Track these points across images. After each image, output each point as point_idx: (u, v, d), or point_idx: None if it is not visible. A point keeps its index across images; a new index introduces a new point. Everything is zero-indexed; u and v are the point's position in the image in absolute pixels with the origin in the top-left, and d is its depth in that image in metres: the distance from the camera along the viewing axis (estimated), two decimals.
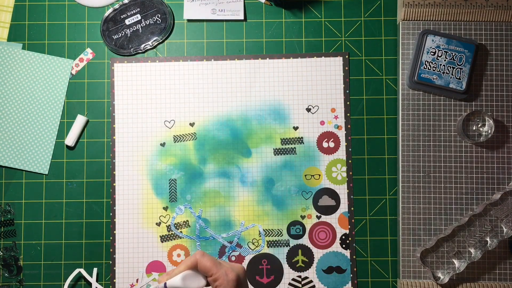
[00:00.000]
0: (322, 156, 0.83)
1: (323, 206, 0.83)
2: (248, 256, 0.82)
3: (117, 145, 0.83)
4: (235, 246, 0.82)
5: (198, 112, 0.84)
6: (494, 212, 0.79)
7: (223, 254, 0.82)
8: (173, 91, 0.84)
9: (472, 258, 0.79)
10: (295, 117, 0.84)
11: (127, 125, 0.84)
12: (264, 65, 0.84)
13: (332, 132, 0.84)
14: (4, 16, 0.85)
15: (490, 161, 0.82)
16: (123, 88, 0.84)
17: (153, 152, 0.83)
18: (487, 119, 0.81)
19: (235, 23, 0.85)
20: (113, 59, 0.84)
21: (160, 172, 0.83)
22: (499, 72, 0.83)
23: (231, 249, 0.82)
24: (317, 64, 0.84)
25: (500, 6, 0.83)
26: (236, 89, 0.84)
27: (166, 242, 0.82)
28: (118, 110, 0.84)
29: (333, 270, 0.82)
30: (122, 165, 0.83)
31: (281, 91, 0.84)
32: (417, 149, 0.82)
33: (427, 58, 0.81)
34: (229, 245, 0.82)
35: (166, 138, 0.84)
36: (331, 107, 0.84)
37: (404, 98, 0.83)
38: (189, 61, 0.84)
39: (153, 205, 0.83)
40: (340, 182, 0.83)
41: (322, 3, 0.85)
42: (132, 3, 0.84)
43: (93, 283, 0.81)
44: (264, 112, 0.84)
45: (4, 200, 0.83)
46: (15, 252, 0.82)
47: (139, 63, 0.84)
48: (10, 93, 0.84)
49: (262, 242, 0.82)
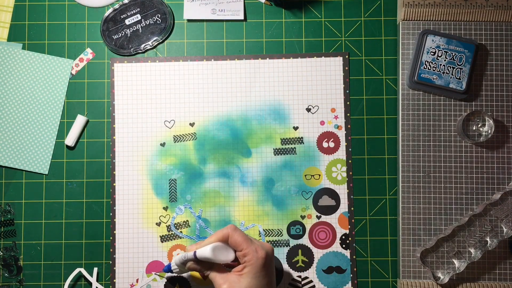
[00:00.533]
0: (322, 156, 0.83)
1: (323, 206, 0.83)
2: None
3: (117, 145, 0.83)
4: None
5: (198, 112, 0.84)
6: (494, 212, 0.79)
7: None
8: (173, 91, 0.84)
9: (472, 258, 0.79)
10: (295, 117, 0.84)
11: (127, 125, 0.84)
12: (264, 65, 0.84)
13: (332, 132, 0.84)
14: (4, 16, 0.85)
15: (490, 161, 0.82)
16: (123, 88, 0.84)
17: (153, 152, 0.83)
18: (487, 119, 0.81)
19: (235, 23, 0.85)
20: (113, 59, 0.84)
21: (160, 172, 0.83)
22: (499, 72, 0.83)
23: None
24: (317, 64, 0.84)
25: (500, 6, 0.83)
26: (236, 89, 0.84)
27: (166, 242, 0.82)
28: (118, 110, 0.84)
29: (333, 270, 0.82)
30: (122, 165, 0.83)
31: (281, 91, 0.84)
32: (417, 149, 0.82)
33: (427, 58, 0.81)
34: None
35: (166, 138, 0.84)
36: (331, 107, 0.84)
37: (404, 98, 0.83)
38: (189, 61, 0.84)
39: (153, 205, 0.83)
40: (340, 182, 0.83)
41: (322, 3, 0.85)
42: (132, 3, 0.84)
43: (93, 283, 0.81)
44: (264, 112, 0.84)
45: (4, 200, 0.83)
46: (15, 252, 0.82)
47: (139, 63, 0.84)
48: (10, 93, 0.84)
49: None
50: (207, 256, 0.68)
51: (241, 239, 0.68)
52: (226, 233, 0.69)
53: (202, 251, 0.68)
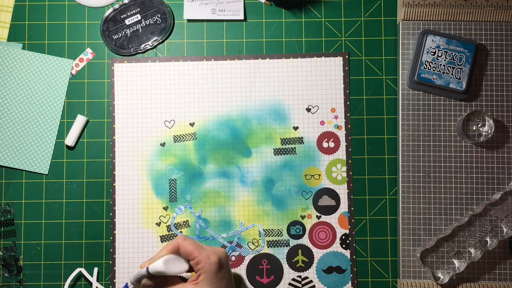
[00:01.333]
0: (322, 156, 0.83)
1: (323, 206, 0.83)
2: (248, 256, 0.82)
3: (117, 145, 0.83)
4: (235, 246, 0.82)
5: (198, 112, 0.84)
6: (494, 212, 0.79)
7: None
8: (173, 91, 0.84)
9: (472, 258, 0.79)
10: (295, 117, 0.84)
11: (127, 125, 0.84)
12: (264, 65, 0.84)
13: (332, 132, 0.84)
14: (4, 16, 0.85)
15: (490, 161, 0.82)
16: (123, 88, 0.84)
17: (153, 152, 0.83)
18: (487, 119, 0.81)
19: (235, 23, 0.85)
20: (113, 59, 0.84)
21: (160, 172, 0.83)
22: (499, 72, 0.83)
23: (231, 249, 0.82)
24: (317, 64, 0.84)
25: (500, 6, 0.83)
26: (236, 89, 0.84)
27: (166, 242, 0.82)
28: (118, 110, 0.84)
29: (333, 270, 0.82)
30: (122, 165, 0.83)
31: (281, 91, 0.84)
32: (417, 149, 0.82)
33: (427, 58, 0.81)
34: (229, 245, 0.82)
35: (166, 138, 0.84)
36: (331, 107, 0.84)
37: (404, 98, 0.83)
38: (189, 61, 0.84)
39: (153, 205, 0.83)
40: (340, 182, 0.83)
41: (322, 3, 0.85)
42: (132, 3, 0.84)
43: (93, 283, 0.81)
44: (264, 112, 0.84)
45: (4, 200, 0.83)
46: (15, 252, 0.82)
47: (139, 63, 0.84)
48: (10, 93, 0.84)
49: (262, 242, 0.82)
50: (160, 270, 0.66)
51: (191, 248, 0.67)
52: (176, 244, 0.68)
53: (154, 266, 0.66)
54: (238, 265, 0.82)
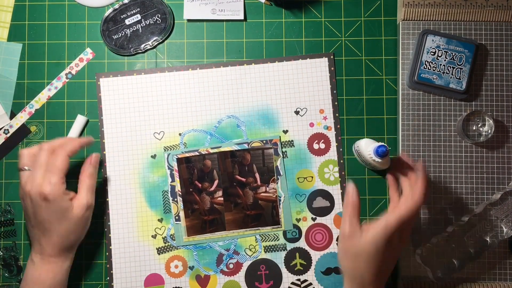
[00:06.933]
0: (314, 157, 0.83)
1: (317, 208, 0.83)
2: (246, 262, 0.82)
3: (108, 160, 0.82)
4: (232, 254, 0.82)
5: (187, 122, 0.83)
6: (494, 212, 0.79)
7: (221, 262, 0.81)
8: (160, 102, 0.83)
9: (472, 258, 0.78)
10: (284, 121, 0.83)
11: (117, 139, 0.83)
12: (249, 71, 0.83)
13: (322, 133, 0.83)
14: (4, 16, 0.85)
15: (490, 161, 0.82)
16: (110, 103, 0.83)
17: (145, 165, 0.83)
18: (487, 119, 0.81)
19: (235, 23, 0.85)
20: (98, 74, 0.83)
21: (152, 184, 0.83)
22: (499, 72, 0.83)
23: (229, 257, 0.82)
24: (303, 66, 0.84)
25: (500, 6, 0.82)
26: (223, 96, 0.83)
27: (163, 254, 0.82)
28: (106, 125, 0.83)
29: (332, 271, 0.82)
30: (114, 180, 0.82)
31: (268, 95, 0.83)
32: (417, 149, 0.82)
33: (427, 58, 0.81)
34: (226, 253, 0.82)
35: (156, 150, 0.83)
36: (319, 108, 0.83)
37: (404, 98, 0.82)
38: (174, 71, 0.83)
39: (147, 218, 0.82)
40: (333, 183, 0.83)
41: (322, 3, 0.85)
42: (132, 3, 0.84)
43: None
44: (253, 118, 0.83)
45: (4, 200, 0.83)
46: (15, 252, 0.82)
47: (124, 76, 0.83)
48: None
49: (259, 248, 0.82)
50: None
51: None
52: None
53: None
54: (236, 272, 0.82)
